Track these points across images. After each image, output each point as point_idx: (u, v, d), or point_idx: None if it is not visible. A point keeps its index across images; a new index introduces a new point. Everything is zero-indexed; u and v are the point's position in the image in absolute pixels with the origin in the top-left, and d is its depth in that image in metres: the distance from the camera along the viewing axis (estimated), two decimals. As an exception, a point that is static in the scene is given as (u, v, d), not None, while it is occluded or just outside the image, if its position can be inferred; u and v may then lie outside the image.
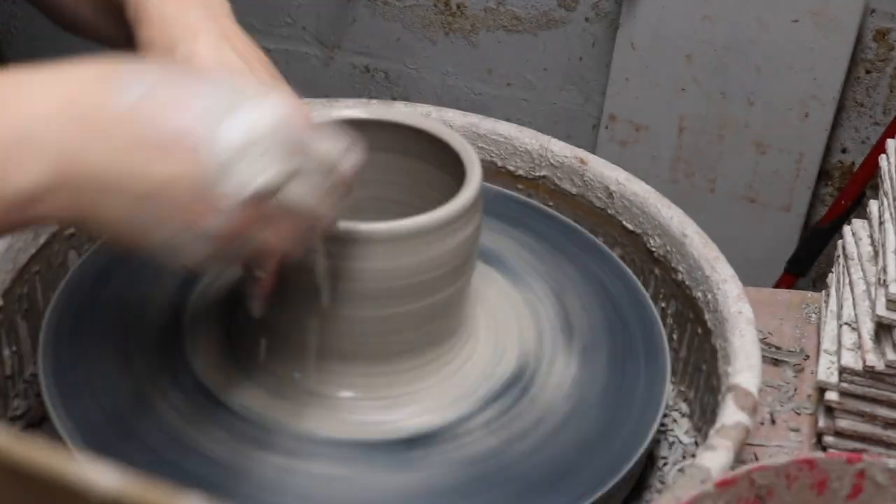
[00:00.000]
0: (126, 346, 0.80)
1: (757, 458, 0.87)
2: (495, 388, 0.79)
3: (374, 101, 1.01)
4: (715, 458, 0.68)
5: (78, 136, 0.52)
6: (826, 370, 0.88)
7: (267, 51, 2.39)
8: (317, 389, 0.77)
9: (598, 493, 0.71)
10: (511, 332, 0.84)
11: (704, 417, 0.84)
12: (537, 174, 0.98)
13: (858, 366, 0.85)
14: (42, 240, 0.87)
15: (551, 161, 0.97)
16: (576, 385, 0.80)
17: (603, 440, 0.76)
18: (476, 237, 0.78)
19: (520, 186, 0.99)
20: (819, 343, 0.96)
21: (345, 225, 0.70)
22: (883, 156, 0.95)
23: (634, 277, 0.90)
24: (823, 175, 2.09)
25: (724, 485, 0.62)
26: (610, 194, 0.94)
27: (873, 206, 0.96)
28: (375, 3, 2.14)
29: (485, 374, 0.80)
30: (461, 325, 0.80)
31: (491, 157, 0.99)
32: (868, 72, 1.99)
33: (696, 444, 0.85)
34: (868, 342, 0.85)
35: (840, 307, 0.92)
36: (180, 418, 0.75)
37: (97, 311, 0.82)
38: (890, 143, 0.96)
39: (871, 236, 0.95)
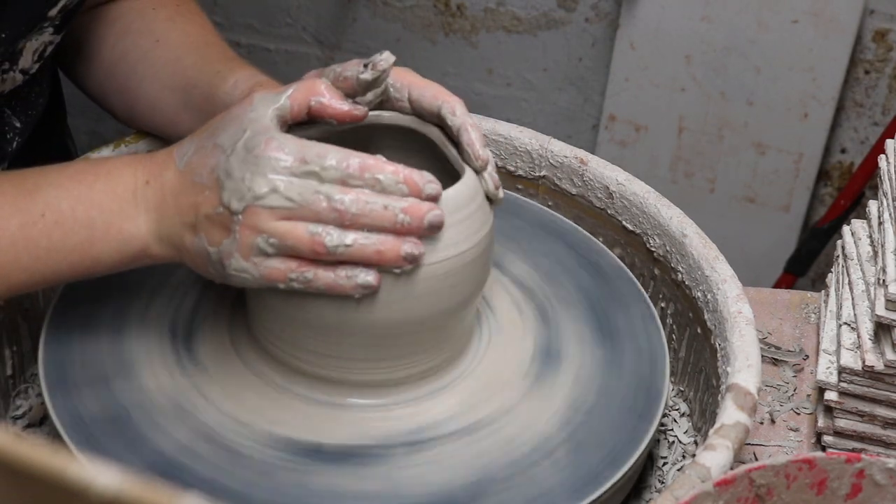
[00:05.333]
0: (127, 346, 0.80)
1: (756, 458, 0.87)
2: (490, 396, 0.79)
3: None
4: (714, 458, 0.68)
5: (160, 203, 0.72)
6: (825, 370, 0.88)
7: (267, 51, 2.40)
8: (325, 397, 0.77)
9: (598, 493, 0.71)
10: (510, 335, 0.84)
11: (704, 417, 0.84)
12: (537, 174, 0.98)
13: (858, 366, 0.85)
14: (42, 240, 0.87)
15: (551, 161, 0.97)
16: (575, 385, 0.80)
17: (603, 440, 0.76)
18: (472, 248, 0.75)
19: (520, 186, 0.99)
20: (818, 343, 0.96)
21: None
22: (882, 156, 0.95)
23: (634, 277, 0.90)
24: (823, 175, 2.09)
25: (723, 484, 0.62)
26: (610, 194, 0.94)
27: (872, 206, 0.96)
28: (375, 4, 2.14)
29: (484, 381, 0.80)
30: (463, 337, 0.80)
31: (490, 157, 0.99)
32: (867, 72, 1.99)
33: (696, 443, 0.85)
34: (867, 342, 0.85)
35: (839, 307, 0.92)
36: (182, 419, 0.75)
37: (98, 311, 0.82)
38: (889, 143, 0.96)
39: (871, 236, 0.95)
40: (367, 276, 0.70)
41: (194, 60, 0.90)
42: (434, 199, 0.71)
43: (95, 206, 0.72)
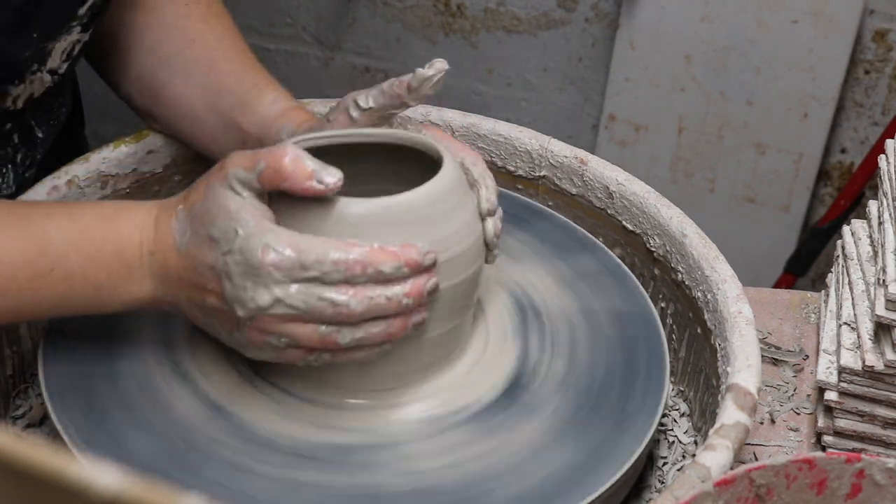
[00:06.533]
0: (127, 346, 0.80)
1: (756, 458, 0.87)
2: (489, 395, 0.79)
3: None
4: (714, 458, 0.68)
5: (164, 276, 0.73)
6: (825, 370, 0.88)
7: (267, 51, 2.40)
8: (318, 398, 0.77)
9: (598, 493, 0.71)
10: (509, 334, 0.84)
11: (704, 417, 0.84)
12: (537, 174, 0.98)
13: (857, 366, 0.85)
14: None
15: (551, 161, 0.97)
16: (575, 384, 0.80)
17: (602, 440, 0.76)
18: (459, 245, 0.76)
19: (520, 186, 0.99)
20: (818, 343, 0.96)
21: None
22: (882, 156, 0.95)
23: (634, 277, 0.90)
24: (822, 175, 2.09)
25: (723, 484, 0.62)
26: (610, 194, 0.94)
27: (872, 206, 0.96)
28: (375, 4, 2.14)
29: (478, 381, 0.80)
30: (462, 337, 0.81)
31: (491, 157, 0.99)
32: (867, 72, 1.99)
33: (696, 443, 0.85)
34: (867, 342, 0.85)
35: (839, 307, 0.92)
36: (182, 418, 0.75)
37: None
38: (889, 143, 0.96)
39: (871, 236, 0.95)
40: (383, 347, 0.73)
41: (232, 67, 0.92)
42: (431, 266, 0.73)
43: (104, 270, 0.73)
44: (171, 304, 0.75)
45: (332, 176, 0.70)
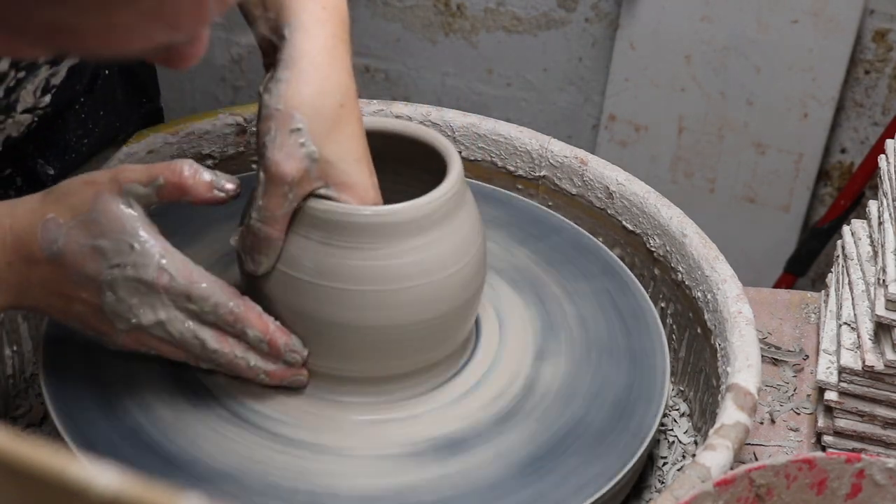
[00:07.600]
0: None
1: (756, 458, 0.87)
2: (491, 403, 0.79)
3: (375, 101, 1.01)
4: (714, 458, 0.68)
5: (23, 284, 0.71)
6: (825, 370, 0.88)
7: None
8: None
9: (598, 494, 0.71)
10: (513, 342, 0.84)
11: (704, 417, 0.84)
12: (537, 174, 0.98)
13: (858, 366, 0.85)
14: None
15: (551, 161, 0.97)
16: (574, 384, 0.80)
17: (602, 440, 0.76)
18: (462, 251, 0.76)
19: (520, 186, 0.99)
20: (818, 343, 0.96)
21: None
22: (882, 156, 0.95)
23: (634, 277, 0.90)
24: (823, 175, 2.09)
25: (723, 484, 0.62)
26: (610, 194, 0.94)
27: (872, 206, 0.96)
28: (375, 4, 2.14)
29: (484, 392, 0.80)
30: (462, 341, 0.81)
31: (491, 157, 0.99)
32: (867, 72, 1.99)
33: (696, 443, 0.85)
34: (867, 342, 0.85)
35: (839, 307, 0.92)
36: (181, 418, 0.75)
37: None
38: (889, 143, 0.96)
39: (871, 236, 0.95)
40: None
41: None
42: (298, 362, 0.75)
43: None
44: (29, 308, 0.75)
45: (231, 183, 0.72)
